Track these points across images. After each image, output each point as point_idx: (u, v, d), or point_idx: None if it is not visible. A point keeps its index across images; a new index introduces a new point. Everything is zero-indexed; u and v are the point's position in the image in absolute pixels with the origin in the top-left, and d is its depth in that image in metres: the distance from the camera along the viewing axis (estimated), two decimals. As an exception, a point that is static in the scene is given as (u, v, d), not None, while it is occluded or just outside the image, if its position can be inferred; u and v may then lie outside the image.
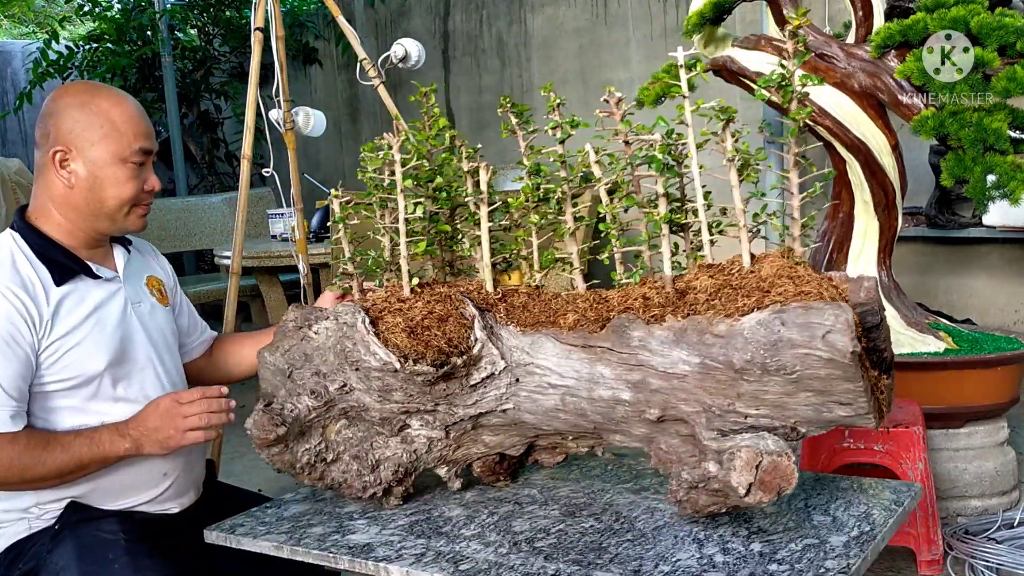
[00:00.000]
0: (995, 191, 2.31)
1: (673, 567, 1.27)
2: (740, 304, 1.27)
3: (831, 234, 2.84)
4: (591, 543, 1.37)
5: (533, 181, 1.52)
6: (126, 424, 1.56)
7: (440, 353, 1.43)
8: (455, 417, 1.51)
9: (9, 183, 4.33)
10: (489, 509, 1.53)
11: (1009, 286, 4.17)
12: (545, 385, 1.43)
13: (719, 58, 2.73)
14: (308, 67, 6.65)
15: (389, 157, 1.56)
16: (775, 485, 1.21)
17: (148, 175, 1.65)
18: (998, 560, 2.21)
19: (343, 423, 1.55)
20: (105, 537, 1.55)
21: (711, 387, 1.28)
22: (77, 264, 1.62)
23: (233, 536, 1.51)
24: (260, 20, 2.72)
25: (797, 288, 1.25)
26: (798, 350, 1.20)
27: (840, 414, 1.25)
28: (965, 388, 2.55)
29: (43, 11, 10.01)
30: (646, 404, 1.35)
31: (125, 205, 1.62)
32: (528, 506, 1.53)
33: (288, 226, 4.34)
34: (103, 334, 1.60)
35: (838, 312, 1.18)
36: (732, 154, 1.35)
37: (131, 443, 1.55)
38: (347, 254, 1.63)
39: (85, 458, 1.53)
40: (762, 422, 1.27)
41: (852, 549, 1.30)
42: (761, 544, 1.33)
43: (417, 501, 1.59)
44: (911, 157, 3.23)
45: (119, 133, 1.59)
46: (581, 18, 5.33)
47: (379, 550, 1.40)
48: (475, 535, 1.43)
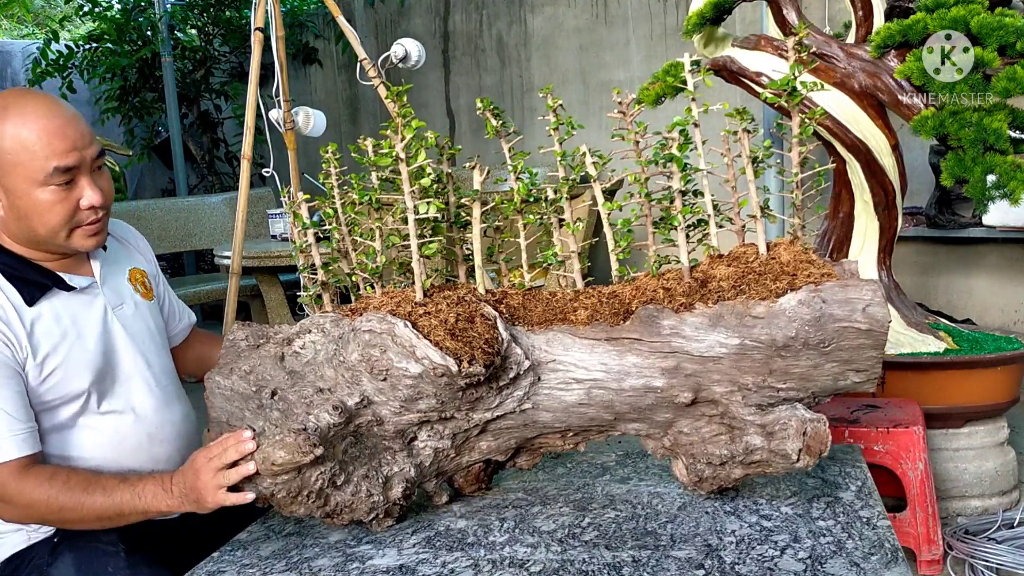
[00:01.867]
0: (995, 191, 2.31)
1: (736, 538, 1.35)
2: (773, 287, 1.37)
3: (831, 234, 2.84)
4: (636, 529, 1.40)
5: (521, 184, 1.51)
6: (171, 478, 1.42)
7: (486, 353, 1.37)
8: (470, 423, 1.45)
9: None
10: (494, 516, 1.49)
11: (1009, 286, 4.17)
12: (569, 380, 1.44)
13: (719, 58, 2.73)
14: (308, 67, 6.65)
15: (393, 156, 1.51)
16: (817, 449, 1.36)
17: (81, 192, 1.46)
18: (998, 560, 2.20)
19: (349, 441, 1.43)
20: (104, 548, 1.51)
21: (746, 366, 1.37)
22: (48, 278, 1.51)
23: None
24: (260, 20, 2.72)
25: (820, 271, 1.37)
26: (839, 323, 1.33)
27: (853, 380, 1.38)
28: (965, 388, 2.55)
29: (42, 11, 10.01)
30: (680, 388, 1.41)
31: (59, 231, 1.46)
32: (533, 507, 1.52)
33: (288, 226, 4.34)
34: (84, 350, 1.52)
35: (875, 287, 1.33)
36: (754, 152, 1.44)
37: (176, 498, 1.41)
38: (317, 262, 1.55)
39: (126, 508, 1.43)
40: (791, 395, 1.39)
41: (863, 497, 1.48)
42: (789, 507, 1.45)
43: (409, 521, 1.49)
44: (911, 157, 3.24)
45: (29, 156, 1.40)
46: (581, 18, 5.33)
47: (420, 568, 1.31)
48: (510, 540, 1.38)
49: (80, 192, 1.46)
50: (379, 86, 2.96)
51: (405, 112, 1.48)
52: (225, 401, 1.46)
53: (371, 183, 1.56)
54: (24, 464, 1.42)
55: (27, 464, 1.43)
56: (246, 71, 5.31)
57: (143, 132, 6.52)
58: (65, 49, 6.09)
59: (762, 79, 2.65)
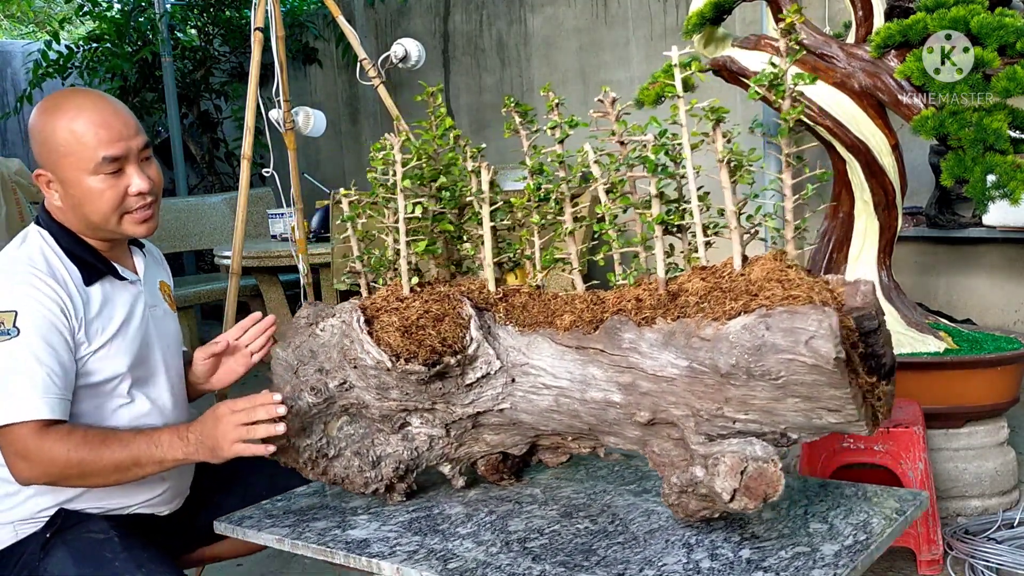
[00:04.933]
0: (995, 191, 2.31)
1: (658, 571, 1.27)
2: (728, 307, 1.24)
3: (831, 234, 2.84)
4: (581, 545, 1.37)
5: (536, 180, 1.52)
6: (187, 428, 1.50)
7: (433, 352, 1.44)
8: (454, 416, 1.51)
9: (9, 183, 4.33)
10: (489, 508, 1.54)
11: (1009, 286, 4.17)
12: (540, 386, 1.43)
13: (719, 58, 2.73)
14: (308, 67, 6.65)
15: (391, 157, 1.56)
16: (761, 491, 1.20)
17: (129, 179, 1.56)
18: (998, 560, 2.21)
19: (345, 419, 1.57)
20: (97, 537, 1.54)
21: (700, 391, 1.26)
22: (104, 264, 1.61)
23: (240, 528, 1.55)
24: (260, 20, 2.72)
25: (786, 292, 1.22)
26: (782, 355, 1.17)
27: (830, 420, 1.22)
28: (965, 388, 2.55)
29: (42, 11, 10.01)
30: (636, 407, 1.34)
31: (110, 216, 1.56)
32: (528, 505, 1.53)
33: (288, 226, 4.34)
34: (127, 337, 1.60)
35: (821, 317, 1.15)
36: (724, 154, 1.33)
37: (191, 447, 1.48)
38: (355, 252, 1.65)
39: (143, 457, 1.48)
40: (751, 427, 1.25)
41: (842, 559, 1.28)
42: (751, 551, 1.31)
43: (421, 498, 1.60)
44: (911, 157, 3.23)
45: (80, 147, 1.52)
46: (581, 18, 5.33)
47: (375, 546, 1.42)
48: (470, 533, 1.44)
49: (128, 180, 1.56)
50: (379, 86, 2.96)
51: (439, 112, 1.56)
52: (282, 371, 1.59)
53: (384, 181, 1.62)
54: (45, 424, 1.46)
55: (48, 424, 1.46)
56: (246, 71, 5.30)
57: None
58: (65, 50, 6.09)
59: (762, 79, 2.65)
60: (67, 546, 1.53)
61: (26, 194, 4.48)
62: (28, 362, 1.45)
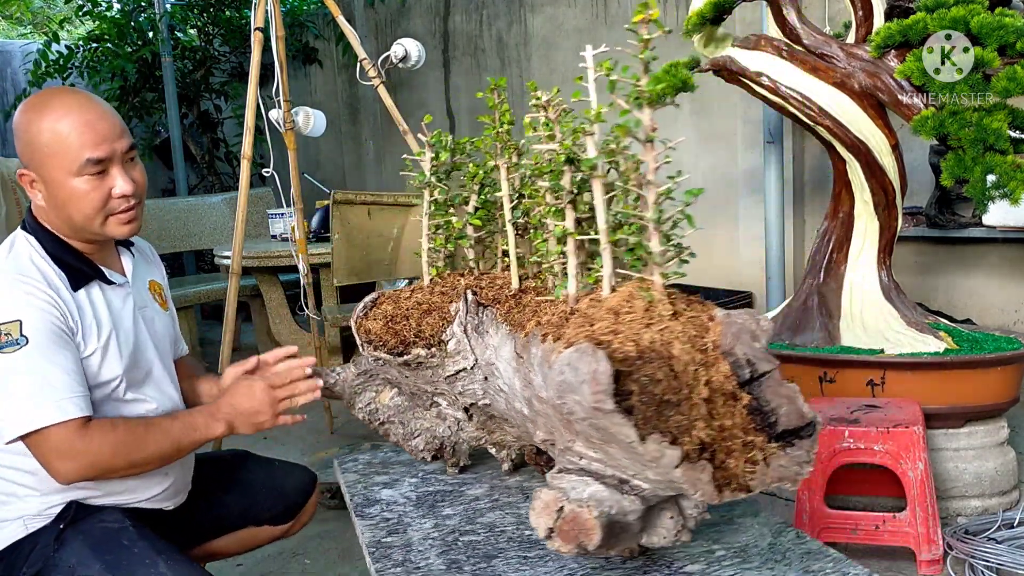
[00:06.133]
0: (995, 191, 2.31)
1: None
2: (568, 335, 1.15)
3: (831, 234, 2.84)
4: (487, 552, 1.39)
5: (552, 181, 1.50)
6: (218, 407, 1.63)
7: (402, 343, 1.56)
8: (459, 403, 1.58)
9: (9, 183, 4.33)
10: (489, 496, 1.62)
11: (1009, 286, 4.17)
12: (500, 387, 1.43)
13: (719, 58, 2.73)
14: (308, 67, 6.65)
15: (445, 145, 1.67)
16: (574, 537, 1.09)
17: (113, 181, 1.56)
18: (998, 560, 2.20)
19: (395, 391, 1.76)
20: (111, 526, 1.55)
21: (559, 419, 1.15)
22: (91, 268, 1.61)
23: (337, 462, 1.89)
24: (260, 20, 2.72)
25: (612, 325, 1.12)
26: (573, 395, 1.06)
27: (651, 476, 1.09)
28: (965, 388, 2.55)
29: (41, 11, 10.00)
30: (534, 424, 1.27)
31: (94, 217, 1.56)
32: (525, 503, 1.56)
33: (288, 226, 4.34)
34: (119, 340, 1.60)
35: (585, 360, 1.03)
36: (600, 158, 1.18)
37: (225, 426, 1.62)
38: (424, 247, 1.74)
39: (184, 441, 1.57)
40: (594, 467, 1.14)
41: None
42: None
43: (470, 472, 1.75)
44: (911, 157, 3.24)
45: (65, 148, 1.51)
46: (581, 18, 5.33)
47: (371, 509, 1.61)
48: (447, 516, 1.55)
49: (112, 181, 1.56)
50: (379, 86, 2.96)
51: (503, 108, 1.58)
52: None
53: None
54: (84, 421, 1.48)
55: (86, 420, 1.48)
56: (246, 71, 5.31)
57: (143, 132, 6.52)
58: (65, 50, 6.09)
59: (762, 79, 2.65)
60: (83, 535, 1.54)
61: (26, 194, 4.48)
62: (46, 366, 1.45)
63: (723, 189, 4.73)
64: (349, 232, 3.28)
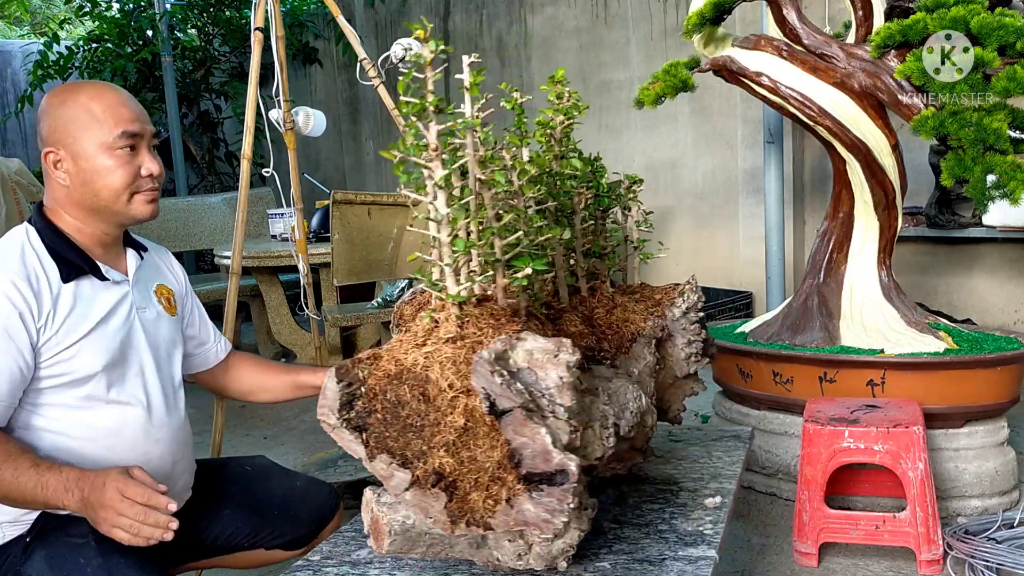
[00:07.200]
0: (995, 191, 2.31)
1: None
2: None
3: (831, 234, 2.84)
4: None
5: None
6: (79, 480, 1.43)
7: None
8: None
9: (9, 183, 4.33)
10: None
11: (1009, 286, 4.17)
12: None
13: (719, 58, 2.73)
14: (308, 67, 6.65)
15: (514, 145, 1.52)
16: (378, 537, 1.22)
17: (142, 160, 1.62)
18: (998, 560, 2.20)
19: None
20: (74, 542, 1.50)
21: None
22: (87, 263, 1.60)
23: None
24: (260, 20, 2.72)
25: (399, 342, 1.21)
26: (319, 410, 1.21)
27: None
28: (965, 388, 2.55)
29: (40, 11, 10.00)
30: None
31: (121, 193, 1.60)
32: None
33: (288, 226, 4.34)
34: (104, 335, 1.58)
35: (330, 376, 1.17)
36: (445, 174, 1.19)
37: (74, 503, 1.42)
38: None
39: (28, 494, 1.43)
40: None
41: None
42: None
43: None
44: (911, 157, 3.24)
45: (99, 122, 1.57)
46: (581, 18, 5.33)
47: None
48: None
49: (141, 160, 1.62)
50: (379, 86, 2.96)
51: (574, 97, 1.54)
52: None
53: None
54: None
55: None
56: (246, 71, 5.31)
57: (143, 132, 6.52)
58: (65, 51, 6.09)
59: (762, 79, 2.65)
60: (45, 549, 1.51)
61: (26, 194, 4.47)
62: None
63: (723, 189, 4.74)
64: (349, 232, 3.28)
